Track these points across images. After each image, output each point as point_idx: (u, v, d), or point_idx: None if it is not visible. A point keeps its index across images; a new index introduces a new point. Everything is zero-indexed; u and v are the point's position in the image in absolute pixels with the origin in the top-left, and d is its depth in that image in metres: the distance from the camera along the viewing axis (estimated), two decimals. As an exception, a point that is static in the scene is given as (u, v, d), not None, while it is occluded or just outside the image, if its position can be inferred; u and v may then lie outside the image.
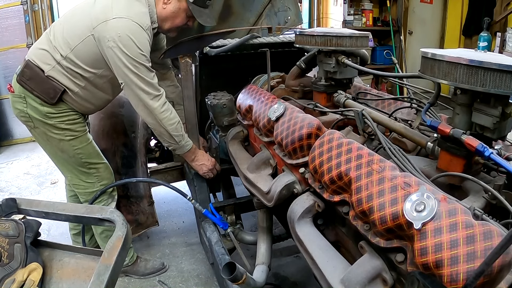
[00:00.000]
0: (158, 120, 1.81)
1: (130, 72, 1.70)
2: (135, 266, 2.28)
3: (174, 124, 1.86)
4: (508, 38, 4.78)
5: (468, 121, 1.06)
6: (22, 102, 1.79)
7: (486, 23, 5.05)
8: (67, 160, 1.94)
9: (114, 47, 1.66)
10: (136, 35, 1.68)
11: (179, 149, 1.96)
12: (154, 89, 1.78)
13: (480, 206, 0.98)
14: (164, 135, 1.88)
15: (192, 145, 1.99)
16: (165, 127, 1.83)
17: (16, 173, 3.85)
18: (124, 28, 1.66)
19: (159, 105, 1.79)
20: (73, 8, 1.86)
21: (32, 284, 1.01)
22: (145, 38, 1.72)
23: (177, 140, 1.90)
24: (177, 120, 1.88)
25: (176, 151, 1.99)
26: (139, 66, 1.70)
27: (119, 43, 1.65)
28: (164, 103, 1.82)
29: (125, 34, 1.65)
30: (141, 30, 1.70)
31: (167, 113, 1.83)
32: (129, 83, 1.73)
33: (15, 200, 1.15)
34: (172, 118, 1.85)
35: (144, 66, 1.72)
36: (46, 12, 4.45)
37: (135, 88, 1.74)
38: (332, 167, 1.11)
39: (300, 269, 2.36)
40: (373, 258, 1.00)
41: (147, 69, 1.74)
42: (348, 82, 1.71)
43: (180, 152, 1.99)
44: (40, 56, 1.77)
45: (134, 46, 1.67)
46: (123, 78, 1.73)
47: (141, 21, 1.72)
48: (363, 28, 5.60)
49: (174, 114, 1.87)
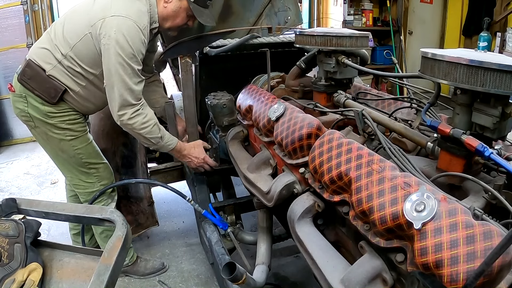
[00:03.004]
0: (127, 129, 1.80)
1: (116, 73, 1.67)
2: (135, 266, 2.28)
3: (148, 127, 1.80)
4: (508, 38, 4.77)
5: (468, 121, 1.06)
6: (23, 102, 1.79)
7: (486, 23, 5.05)
8: (67, 160, 1.94)
9: (108, 44, 1.65)
10: (132, 35, 1.67)
11: (161, 149, 1.94)
12: (133, 97, 1.73)
13: (480, 206, 0.98)
14: (137, 137, 1.87)
15: (176, 143, 1.95)
16: (137, 132, 1.80)
17: (16, 173, 3.85)
18: (121, 26, 1.65)
19: (127, 116, 1.74)
20: (74, 7, 1.86)
21: (32, 284, 1.01)
22: (140, 39, 1.71)
23: (154, 142, 1.86)
24: (152, 123, 1.81)
25: (159, 150, 1.98)
26: (127, 67, 1.68)
27: (113, 41, 1.64)
28: (135, 111, 1.76)
29: (120, 33, 1.65)
30: (138, 30, 1.70)
31: (137, 118, 1.77)
32: (112, 85, 1.70)
33: (15, 200, 1.15)
34: (144, 122, 1.79)
35: (132, 68, 1.70)
36: (46, 12, 4.45)
37: (115, 91, 1.70)
38: (332, 167, 1.11)
39: (300, 269, 2.36)
40: (373, 258, 1.00)
41: (134, 73, 1.72)
42: (348, 82, 1.71)
43: (164, 150, 1.97)
44: (41, 56, 1.77)
45: (127, 46, 1.66)
46: (107, 77, 1.70)
47: (139, 20, 1.71)
48: (363, 28, 5.59)
49: (149, 117, 1.81)
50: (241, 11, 2.58)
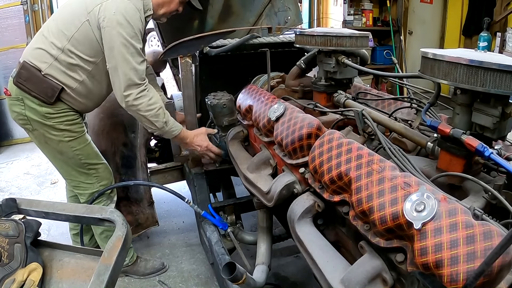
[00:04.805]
0: (132, 111, 1.78)
1: (119, 53, 1.68)
2: (135, 266, 2.28)
3: (153, 110, 1.78)
4: (508, 38, 4.77)
5: (468, 121, 1.06)
6: (20, 105, 1.78)
7: (486, 23, 5.04)
8: (66, 162, 1.93)
9: (108, 27, 1.66)
10: (131, 14, 1.69)
11: (165, 134, 1.92)
12: (138, 76, 1.73)
13: (480, 206, 0.98)
14: (142, 120, 1.83)
15: (180, 130, 1.93)
16: (142, 115, 1.78)
17: (16, 173, 3.85)
18: (119, 7, 1.67)
19: (132, 97, 1.73)
20: (65, 2, 1.86)
21: (32, 284, 1.01)
22: (138, 20, 1.73)
23: (158, 126, 1.83)
24: (157, 106, 1.80)
25: (163, 136, 1.96)
26: (129, 45, 1.69)
27: (114, 22, 1.66)
28: (140, 91, 1.75)
29: (120, 13, 1.66)
30: (135, 9, 1.71)
31: (143, 99, 1.75)
32: (115, 65, 1.70)
33: (15, 200, 1.15)
34: (150, 104, 1.78)
35: (134, 47, 1.71)
36: (46, 12, 4.45)
37: (119, 72, 1.70)
38: (332, 167, 1.11)
39: (300, 269, 2.36)
40: (373, 258, 1.00)
41: (137, 51, 1.73)
42: (348, 82, 1.71)
43: (168, 137, 1.95)
44: (36, 56, 1.76)
45: (127, 25, 1.67)
46: (109, 59, 1.71)
47: (136, 1, 1.73)
48: (363, 28, 5.59)
49: (154, 100, 1.80)
50: (241, 11, 2.58)
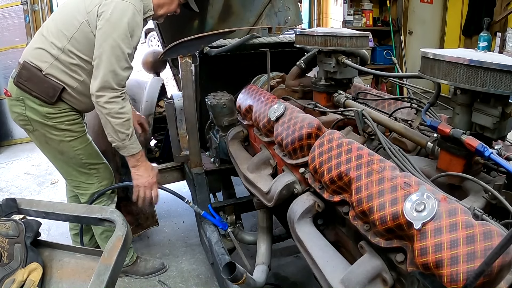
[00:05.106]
0: (100, 112, 1.71)
1: (105, 52, 1.64)
2: (135, 266, 2.28)
3: (121, 119, 1.72)
4: (508, 38, 4.77)
5: (468, 121, 1.06)
6: (20, 105, 1.77)
7: (486, 23, 5.04)
8: (67, 162, 1.92)
9: (101, 25, 1.65)
10: (127, 16, 1.66)
11: (123, 149, 1.80)
12: (116, 81, 1.67)
13: (480, 206, 0.98)
14: (107, 126, 1.74)
15: (139, 150, 1.84)
16: (109, 119, 1.71)
17: (16, 173, 3.85)
18: (117, 7, 1.65)
19: (104, 99, 1.67)
20: (63, 2, 1.85)
21: (32, 284, 1.01)
22: (136, 23, 1.71)
23: (120, 137, 1.75)
24: (127, 117, 1.74)
25: (120, 150, 1.82)
26: (116, 48, 1.65)
27: (107, 21, 1.64)
28: (114, 97, 1.69)
29: (115, 13, 1.65)
30: (134, 12, 1.69)
31: (115, 105, 1.69)
32: (98, 64, 1.65)
33: (15, 200, 1.15)
34: (120, 113, 1.71)
35: (122, 51, 1.67)
36: (46, 12, 4.45)
37: (100, 71, 1.66)
38: (332, 167, 1.11)
39: (300, 269, 2.36)
40: (373, 258, 1.00)
41: (123, 56, 1.68)
42: (348, 82, 1.71)
43: (124, 153, 1.82)
44: (37, 56, 1.75)
45: (120, 26, 1.65)
46: (96, 56, 1.66)
47: (136, 2, 1.72)
48: (363, 28, 5.59)
49: (125, 110, 1.73)
50: (241, 11, 2.58)
